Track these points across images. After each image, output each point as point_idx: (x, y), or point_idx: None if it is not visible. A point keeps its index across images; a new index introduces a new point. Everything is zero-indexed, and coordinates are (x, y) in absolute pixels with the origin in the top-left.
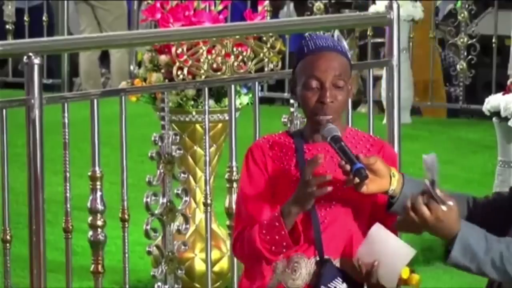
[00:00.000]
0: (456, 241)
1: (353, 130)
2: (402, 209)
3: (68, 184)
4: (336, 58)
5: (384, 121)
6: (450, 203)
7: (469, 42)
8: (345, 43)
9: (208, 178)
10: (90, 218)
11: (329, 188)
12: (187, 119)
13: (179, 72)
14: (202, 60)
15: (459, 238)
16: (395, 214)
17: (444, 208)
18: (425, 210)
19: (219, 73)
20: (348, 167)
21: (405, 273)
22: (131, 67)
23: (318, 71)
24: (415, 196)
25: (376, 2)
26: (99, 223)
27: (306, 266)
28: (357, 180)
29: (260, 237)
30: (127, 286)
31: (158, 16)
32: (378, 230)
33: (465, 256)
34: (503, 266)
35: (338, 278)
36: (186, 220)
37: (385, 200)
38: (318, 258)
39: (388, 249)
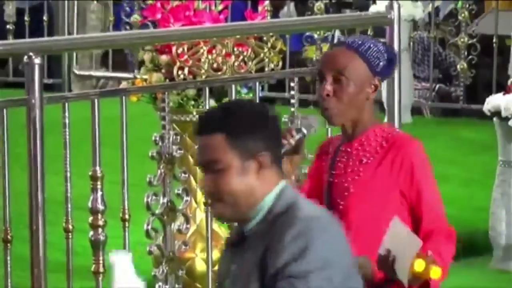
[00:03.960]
0: None
1: (378, 128)
2: None
3: (68, 184)
4: (344, 54)
5: (384, 121)
6: None
7: (470, 42)
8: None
9: None
10: (90, 218)
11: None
12: (187, 119)
13: (179, 72)
14: (202, 60)
15: None
16: None
17: None
18: None
19: (219, 73)
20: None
21: (419, 266)
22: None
23: (322, 64)
24: None
25: (377, 2)
26: (100, 223)
27: None
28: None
29: None
30: None
31: (159, 16)
32: (393, 224)
33: None
34: None
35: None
36: (187, 220)
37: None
38: None
39: (400, 242)
